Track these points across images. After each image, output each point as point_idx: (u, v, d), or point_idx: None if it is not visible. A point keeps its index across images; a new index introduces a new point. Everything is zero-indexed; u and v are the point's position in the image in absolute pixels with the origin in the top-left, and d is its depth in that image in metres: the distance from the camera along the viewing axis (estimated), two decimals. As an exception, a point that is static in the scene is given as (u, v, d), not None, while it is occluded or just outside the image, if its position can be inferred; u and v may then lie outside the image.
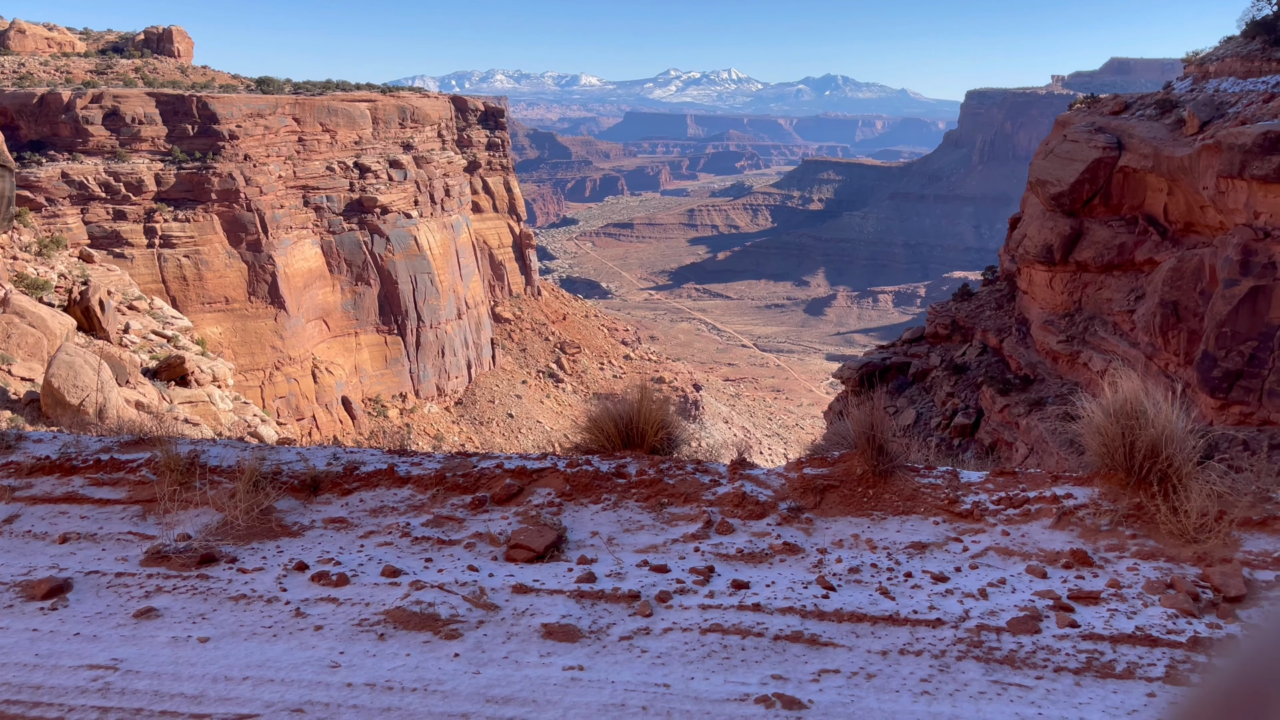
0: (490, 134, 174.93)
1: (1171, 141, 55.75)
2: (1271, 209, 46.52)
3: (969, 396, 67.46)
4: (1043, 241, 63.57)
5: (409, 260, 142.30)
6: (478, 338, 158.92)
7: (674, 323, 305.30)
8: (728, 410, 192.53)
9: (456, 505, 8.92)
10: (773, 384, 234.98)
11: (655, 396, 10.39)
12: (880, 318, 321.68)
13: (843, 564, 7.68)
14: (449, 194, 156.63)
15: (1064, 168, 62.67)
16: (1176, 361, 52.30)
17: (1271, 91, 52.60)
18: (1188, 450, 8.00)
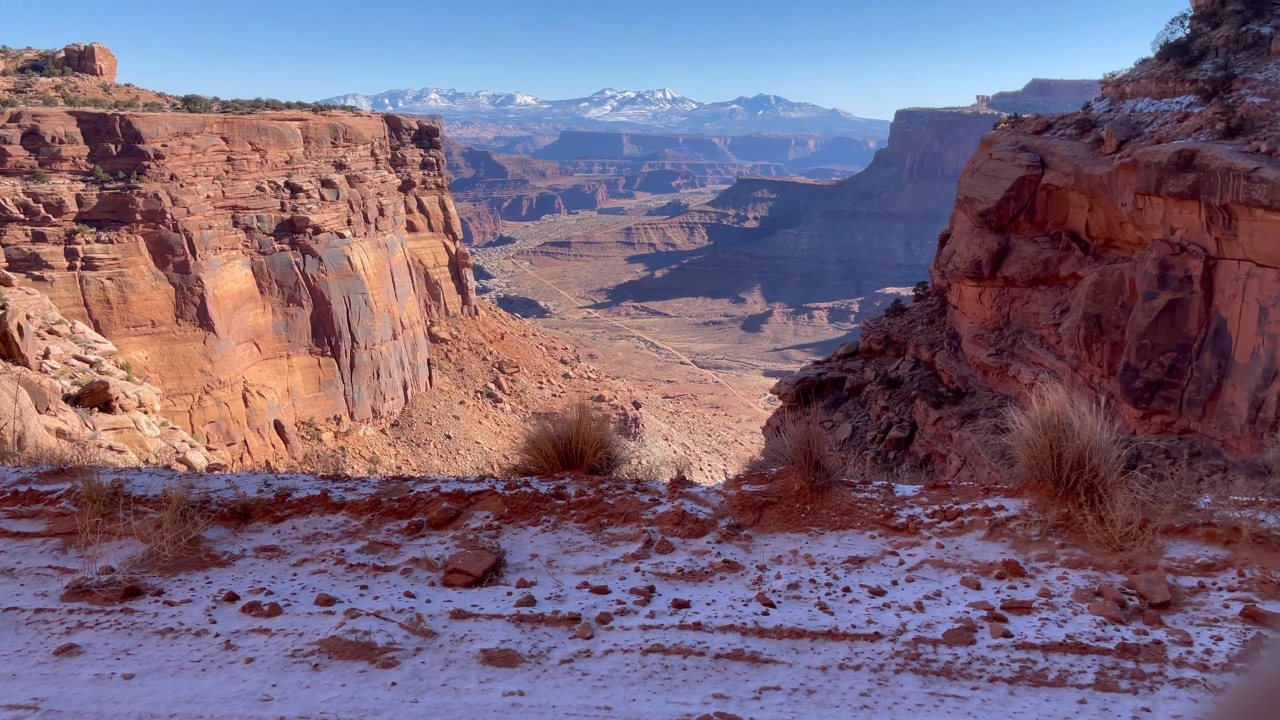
0: (425, 153, 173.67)
1: (1091, 160, 57.60)
2: (1186, 225, 48.28)
3: (903, 410, 68.59)
4: (971, 257, 65.07)
5: (342, 280, 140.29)
6: (414, 358, 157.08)
7: (613, 341, 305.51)
8: (667, 427, 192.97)
9: (392, 531, 8.78)
10: (712, 400, 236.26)
11: (594, 415, 10.36)
12: (816, 333, 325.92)
13: (782, 580, 7.72)
14: (383, 213, 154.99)
15: (990, 185, 64.32)
16: (1100, 373, 53.85)
17: (1185, 111, 54.68)
18: (1112, 461, 8.22)
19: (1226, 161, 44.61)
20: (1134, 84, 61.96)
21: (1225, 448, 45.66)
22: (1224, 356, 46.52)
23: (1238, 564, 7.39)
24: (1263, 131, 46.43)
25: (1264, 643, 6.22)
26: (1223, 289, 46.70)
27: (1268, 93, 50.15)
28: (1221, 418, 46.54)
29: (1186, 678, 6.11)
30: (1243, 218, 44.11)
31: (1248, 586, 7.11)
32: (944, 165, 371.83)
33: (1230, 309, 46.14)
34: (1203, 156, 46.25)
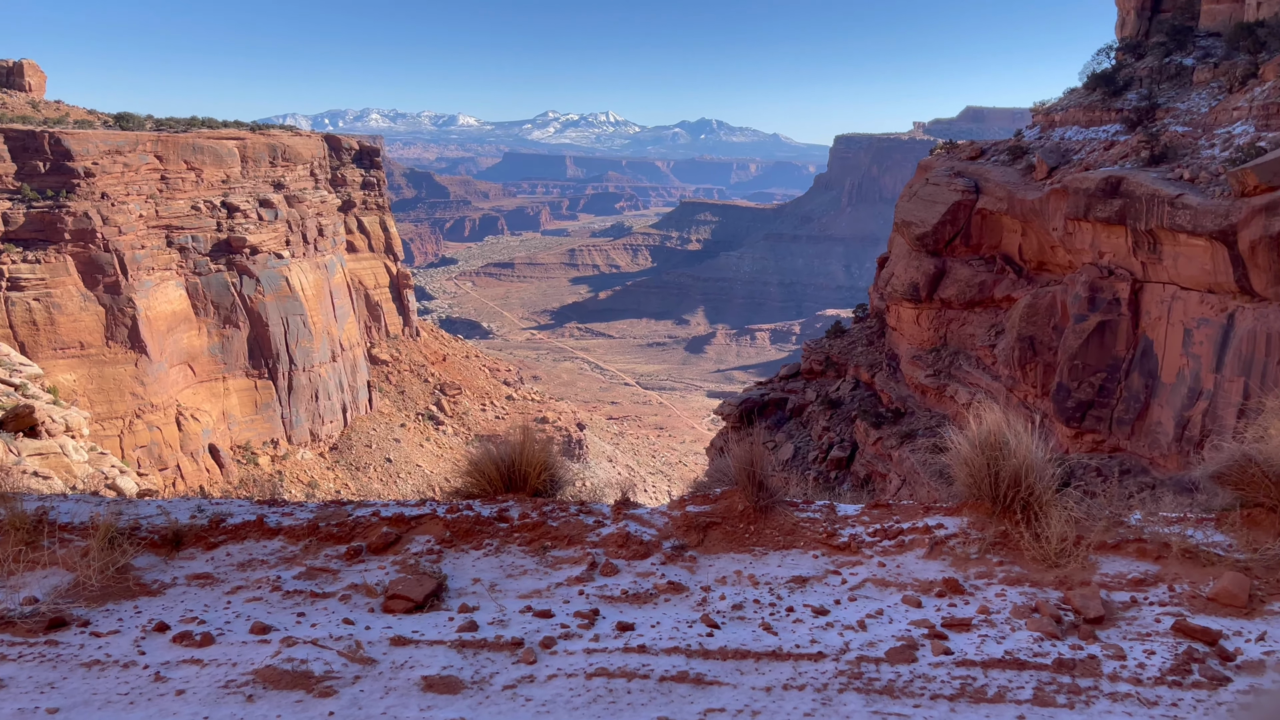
0: (365, 173, 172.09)
1: (1024, 185, 59.18)
2: (1114, 249, 49.79)
3: (844, 430, 69.40)
4: (909, 280, 66.28)
5: (280, 302, 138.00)
6: (353, 380, 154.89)
7: (557, 362, 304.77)
8: (612, 449, 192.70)
9: (331, 556, 8.60)
10: (656, 421, 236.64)
11: (538, 437, 10.29)
12: (758, 354, 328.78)
13: (726, 601, 7.72)
14: (322, 234, 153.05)
15: (927, 210, 65.69)
16: (1034, 393, 55.10)
17: (1111, 140, 56.51)
18: (1047, 479, 8.39)
19: (1151, 188, 46.16)
20: (1063, 112, 63.91)
21: (1153, 465, 46.96)
22: (1151, 377, 47.94)
23: (1168, 579, 7.58)
24: (1185, 159, 48.16)
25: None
26: (1149, 311, 48.20)
27: (1190, 122, 52.07)
28: (1149, 436, 47.90)
29: (1121, 691, 6.23)
30: (1167, 242, 45.62)
31: (1178, 601, 7.29)
32: (882, 189, 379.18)
33: (1156, 331, 47.62)
34: (1128, 183, 47.79)
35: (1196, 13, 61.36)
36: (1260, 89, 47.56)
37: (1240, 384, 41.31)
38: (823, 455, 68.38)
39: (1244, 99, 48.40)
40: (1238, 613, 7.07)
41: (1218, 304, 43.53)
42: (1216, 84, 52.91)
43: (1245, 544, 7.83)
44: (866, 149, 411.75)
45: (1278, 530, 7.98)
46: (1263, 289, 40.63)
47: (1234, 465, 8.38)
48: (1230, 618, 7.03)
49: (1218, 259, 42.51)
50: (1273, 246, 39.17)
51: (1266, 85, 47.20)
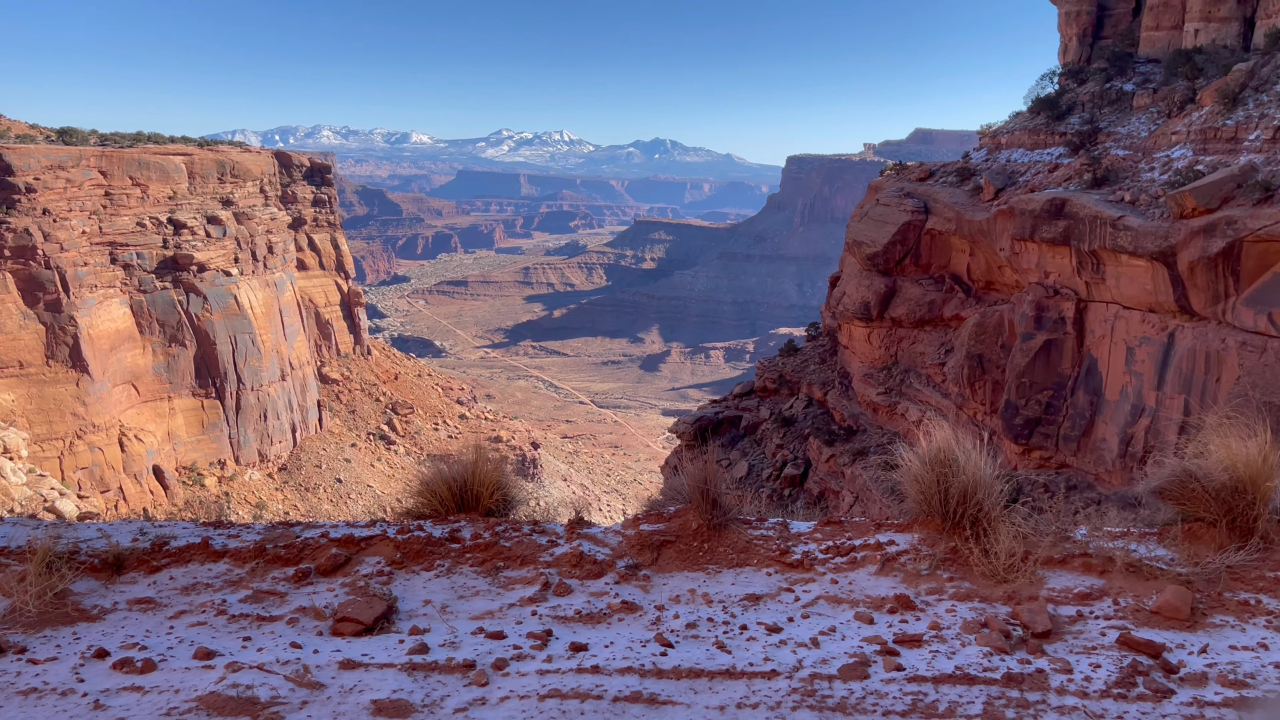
0: (317, 190, 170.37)
1: (971, 206, 60.29)
2: (1059, 269, 50.85)
3: (798, 448, 69.86)
4: (860, 299, 67.08)
5: (228, 320, 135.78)
6: (303, 400, 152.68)
7: (511, 380, 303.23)
8: (566, 468, 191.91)
9: (278, 579, 8.44)
10: (611, 440, 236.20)
11: (491, 456, 10.22)
12: (712, 373, 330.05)
13: (680, 620, 7.71)
14: (272, 251, 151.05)
15: (878, 230, 66.61)
16: (983, 410, 55.95)
17: (1055, 162, 57.83)
18: (995, 495, 8.52)
19: (1094, 210, 47.28)
20: (1009, 135, 65.30)
21: (1099, 481, 47.88)
22: (1096, 394, 48.94)
23: (1112, 592, 7.72)
24: (1126, 182, 49.42)
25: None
26: (1093, 330, 49.26)
27: (1130, 145, 53.48)
28: (1095, 453, 48.84)
29: (1068, 704, 6.32)
30: (1109, 263, 46.71)
31: (1122, 614, 7.42)
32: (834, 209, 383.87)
33: (1100, 349, 48.66)
34: (1072, 205, 48.91)
35: (1136, 40, 63.19)
36: (1198, 114, 49.02)
37: (1181, 401, 42.33)
38: (777, 473, 68.74)
39: (1182, 124, 49.84)
40: (1180, 625, 7.21)
41: (1159, 323, 44.62)
42: (1155, 109, 54.44)
43: (1187, 558, 8.00)
44: (818, 169, 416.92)
45: (1218, 544, 8.17)
46: (1201, 308, 41.74)
47: (1175, 481, 8.57)
48: (1173, 630, 7.17)
49: (1158, 279, 43.60)
50: (1210, 267, 40.29)
51: (1204, 110, 48.67)
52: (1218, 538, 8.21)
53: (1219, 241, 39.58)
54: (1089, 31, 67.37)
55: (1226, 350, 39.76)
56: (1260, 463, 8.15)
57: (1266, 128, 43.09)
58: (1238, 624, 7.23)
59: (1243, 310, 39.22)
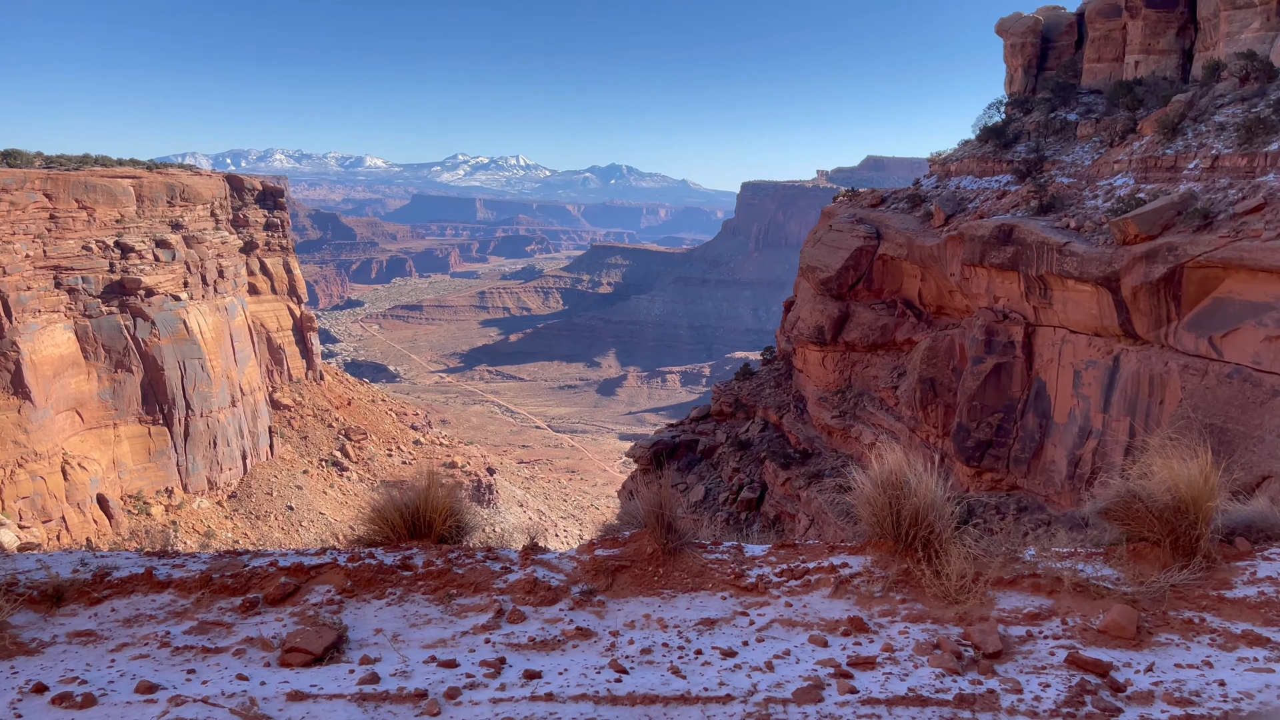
0: (269, 214, 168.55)
1: (922, 232, 61.28)
2: (1008, 294, 51.80)
3: (753, 471, 70.10)
4: (814, 323, 67.73)
5: (177, 345, 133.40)
6: (254, 426, 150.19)
7: (466, 405, 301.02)
8: (522, 493, 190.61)
9: (224, 609, 8.26)
10: (567, 465, 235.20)
11: (445, 482, 10.13)
12: (669, 397, 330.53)
13: (635, 645, 7.67)
14: (223, 275, 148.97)
15: (831, 255, 67.40)
16: (936, 433, 56.62)
17: (1003, 189, 59.05)
18: (946, 517, 8.61)
19: (1041, 236, 48.29)
20: (958, 163, 66.60)
21: (1048, 502, 48.61)
22: (1045, 417, 49.78)
23: (1061, 612, 7.83)
24: (1071, 209, 50.58)
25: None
26: (1041, 353, 50.17)
27: (1074, 173, 54.79)
28: (1044, 474, 49.61)
29: (1019, 724, 6.38)
30: (1056, 287, 47.69)
31: (1070, 634, 7.53)
32: (787, 235, 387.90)
33: (1048, 372, 49.55)
34: (1020, 231, 49.92)
35: (1079, 71, 64.91)
36: (1139, 143, 50.39)
37: (1126, 423, 43.19)
38: (733, 496, 68.87)
39: (1124, 153, 51.20)
40: (1127, 644, 7.33)
41: (1104, 346, 45.57)
42: (1098, 138, 55.87)
43: (1132, 577, 8.14)
44: (772, 195, 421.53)
45: (1162, 563, 8.33)
46: (1144, 332, 42.73)
47: (1120, 502, 8.73)
48: (1120, 649, 7.28)
49: (1103, 303, 44.58)
50: (1153, 292, 41.29)
51: (1144, 140, 50.05)
52: (1162, 557, 8.37)
53: (1161, 267, 40.60)
54: (1034, 63, 69.10)
55: (1169, 373, 40.70)
56: (1201, 483, 8.33)
57: (1205, 157, 44.41)
58: (1182, 642, 7.36)
59: (1184, 334, 40.21)
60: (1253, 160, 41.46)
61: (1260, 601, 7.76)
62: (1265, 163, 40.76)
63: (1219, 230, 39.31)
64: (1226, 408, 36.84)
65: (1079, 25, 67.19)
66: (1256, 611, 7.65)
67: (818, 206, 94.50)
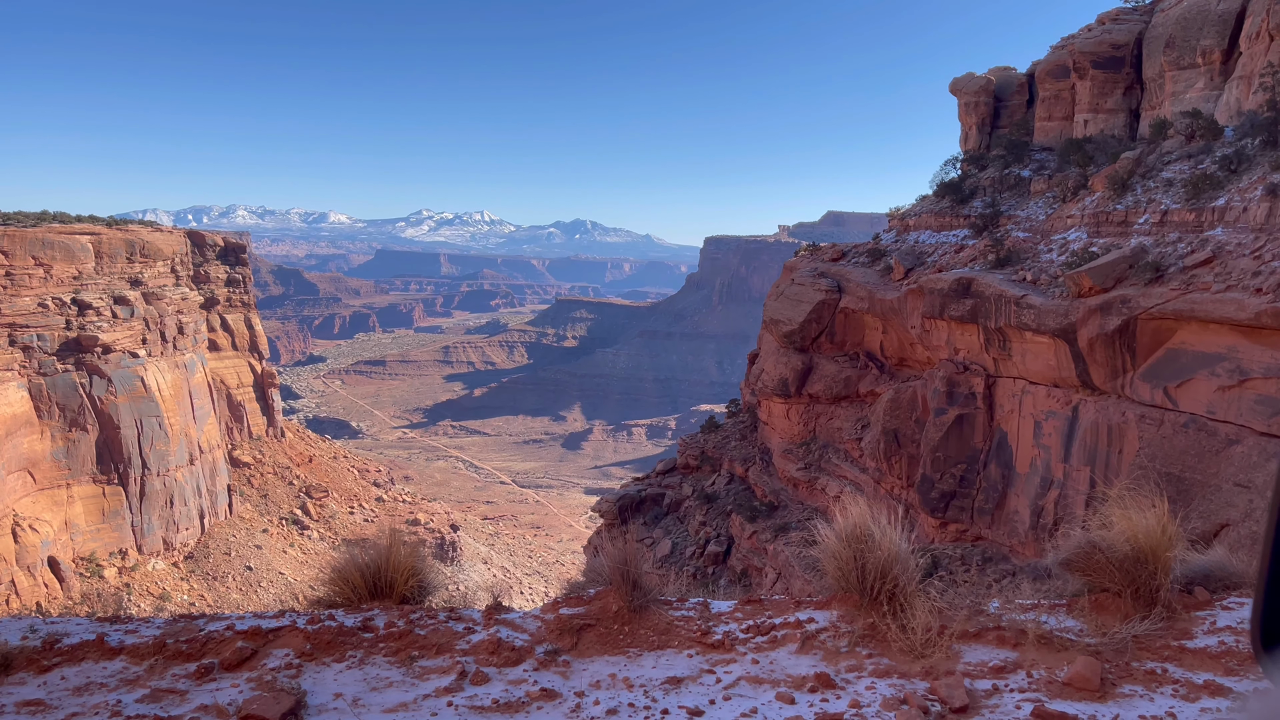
0: (230, 270, 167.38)
1: (883, 286, 62.14)
2: (968, 345, 52.52)
3: (720, 524, 69.81)
4: (779, 376, 68.12)
5: (134, 403, 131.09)
6: (213, 484, 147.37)
7: (430, 461, 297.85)
8: (487, 550, 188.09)
9: (179, 675, 8.04)
10: (532, 520, 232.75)
11: (408, 540, 9.99)
12: (635, 450, 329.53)
13: (601, 706, 7.56)
14: (182, 332, 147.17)
15: (794, 308, 68.08)
16: (901, 484, 56.85)
17: (961, 243, 60.16)
18: (911, 570, 8.63)
19: (999, 289, 49.16)
20: (916, 218, 67.86)
21: (1013, 553, 48.81)
22: (1007, 467, 50.21)
23: (1026, 665, 7.84)
24: (1027, 263, 51.61)
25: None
26: (1002, 404, 50.76)
27: (1029, 228, 56.01)
28: (1008, 525, 49.89)
29: (987, 780, 6.35)
30: (1015, 339, 48.44)
31: (1036, 686, 7.53)
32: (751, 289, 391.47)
33: (1010, 423, 50.09)
34: (978, 284, 50.79)
35: (1031, 129, 66.71)
36: (1090, 199, 51.70)
37: (1086, 473, 43.66)
38: (700, 550, 68.46)
39: (1076, 208, 52.48)
40: (1091, 696, 7.34)
41: (1063, 397, 46.22)
42: (1051, 194, 57.27)
43: (1095, 628, 8.18)
44: (735, 250, 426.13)
45: (1124, 614, 8.38)
46: (1101, 383, 43.43)
47: (1081, 553, 8.80)
48: (1085, 701, 7.29)
49: (1060, 355, 45.32)
50: (1108, 343, 42.06)
51: (1095, 195, 51.37)
52: (1123, 607, 8.43)
53: (1115, 319, 41.43)
54: (987, 120, 70.96)
55: (1127, 423, 41.31)
56: (1160, 533, 8.43)
57: (1154, 212, 45.63)
58: (1146, 693, 7.39)
59: (1140, 384, 40.92)
60: (1200, 215, 42.66)
61: (1221, 651, 7.83)
62: (1212, 217, 41.96)
63: (1170, 283, 40.26)
64: (1183, 457, 37.40)
65: (1030, 85, 69.24)
66: (1218, 661, 7.71)
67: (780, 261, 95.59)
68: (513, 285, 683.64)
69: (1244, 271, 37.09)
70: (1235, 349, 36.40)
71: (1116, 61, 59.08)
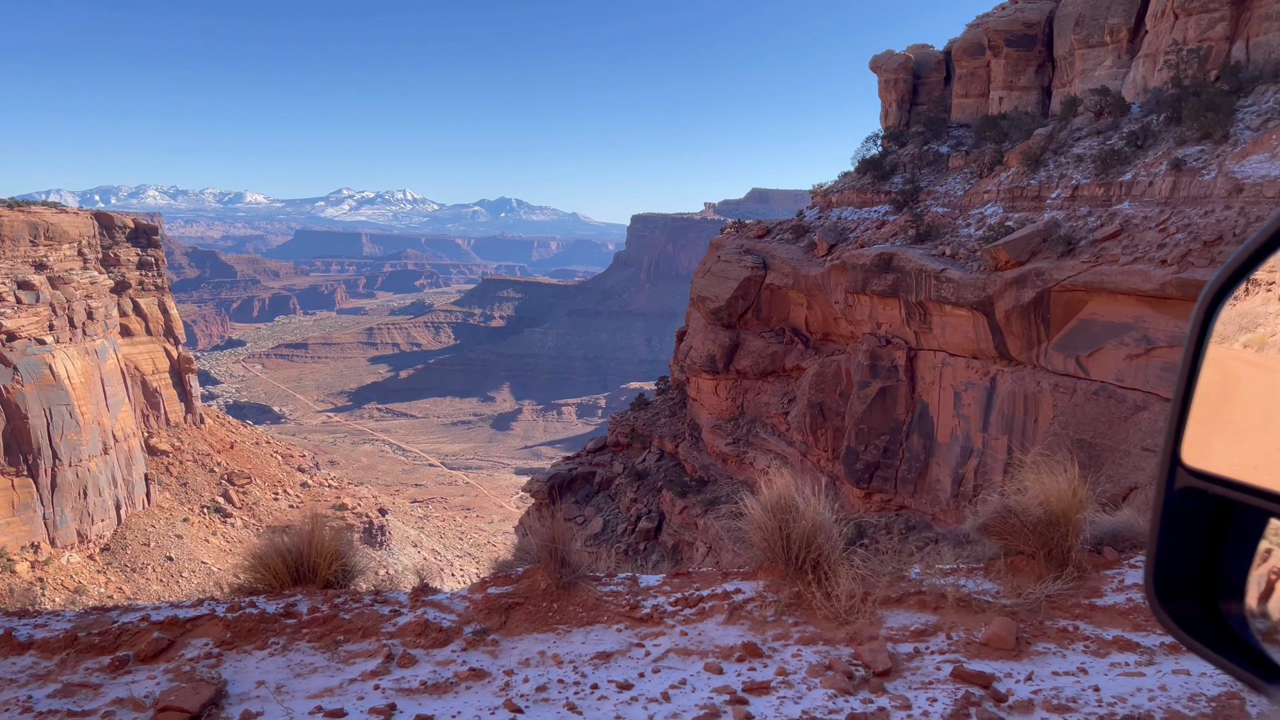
0: (142, 252, 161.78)
1: (807, 262, 62.88)
2: (890, 319, 53.51)
3: (651, 501, 70.23)
4: (706, 352, 68.58)
5: (43, 391, 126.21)
6: (129, 474, 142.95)
7: (356, 445, 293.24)
8: (416, 533, 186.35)
9: (92, 669, 7.78)
10: (463, 502, 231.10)
11: (333, 525, 9.82)
12: (565, 429, 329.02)
13: (530, 684, 7.55)
14: (92, 317, 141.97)
15: (720, 285, 68.51)
16: (826, 457, 57.85)
17: (882, 219, 61.14)
18: (835, 539, 8.78)
19: (919, 264, 50.14)
20: (839, 194, 68.72)
21: (935, 520, 50.12)
22: (929, 438, 51.43)
23: (945, 627, 8.05)
24: (946, 237, 52.72)
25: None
26: (923, 376, 51.91)
27: (948, 203, 57.16)
28: (930, 493, 51.18)
29: (909, 740, 6.51)
30: (935, 313, 49.51)
31: (955, 648, 7.74)
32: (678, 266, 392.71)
33: (930, 394, 51.28)
34: (899, 259, 51.72)
35: (949, 106, 67.97)
36: (1005, 174, 52.95)
37: (1004, 441, 44.98)
38: (631, 527, 68.80)
39: (992, 183, 53.71)
40: (1007, 655, 7.57)
41: (981, 368, 47.46)
42: (969, 170, 58.50)
43: (1011, 590, 8.44)
44: (662, 227, 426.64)
45: (1038, 575, 8.66)
46: (1018, 353, 44.69)
47: (997, 517, 9.06)
48: (1001, 660, 7.52)
49: (979, 327, 46.48)
50: (1024, 315, 43.27)
51: (1010, 171, 52.63)
52: (1038, 569, 8.70)
53: (1030, 291, 42.61)
54: (906, 98, 72.06)
55: (1042, 392, 42.62)
56: (1071, 497, 8.72)
57: (1065, 187, 46.96)
58: (1059, 650, 7.65)
59: (1054, 355, 42.22)
60: (1109, 189, 44.04)
61: (1129, 608, 8.14)
62: (1120, 191, 43.34)
63: (1081, 256, 41.54)
64: (1094, 424, 38.75)
65: (947, 62, 70.49)
66: (1126, 617, 8.02)
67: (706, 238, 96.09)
68: (437, 265, 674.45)
69: (1150, 244, 38.44)
70: (1142, 319, 37.77)
71: (1029, 39, 60.44)
